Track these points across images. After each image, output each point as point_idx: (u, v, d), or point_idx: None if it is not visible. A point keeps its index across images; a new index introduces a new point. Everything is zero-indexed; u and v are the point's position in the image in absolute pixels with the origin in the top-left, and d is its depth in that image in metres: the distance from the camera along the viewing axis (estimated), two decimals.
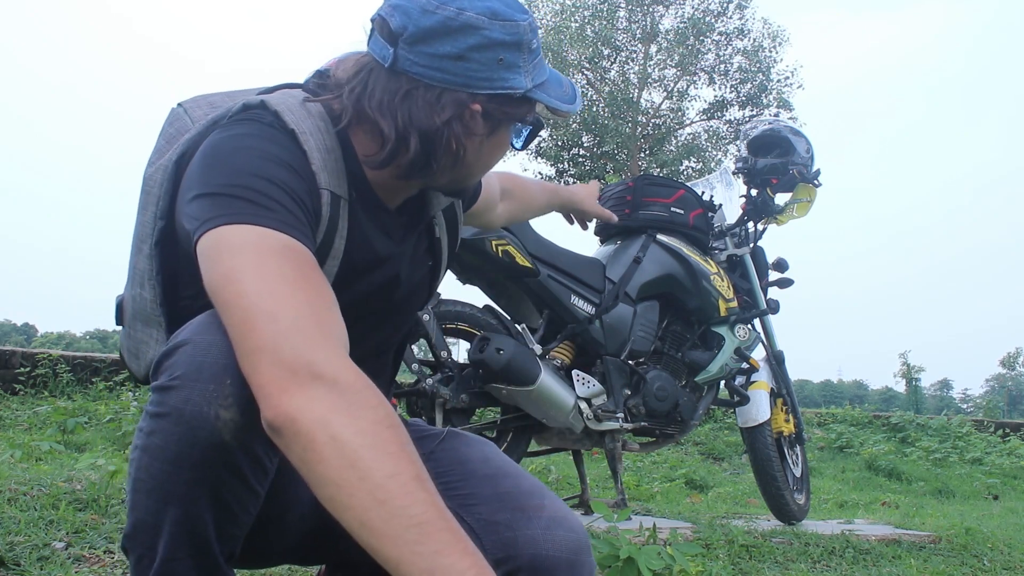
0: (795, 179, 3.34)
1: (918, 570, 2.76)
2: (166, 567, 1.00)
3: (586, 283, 2.83)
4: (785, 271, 3.54)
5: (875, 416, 9.63)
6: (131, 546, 1.03)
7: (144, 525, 0.99)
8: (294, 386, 0.86)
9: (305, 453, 0.85)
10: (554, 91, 1.15)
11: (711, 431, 7.71)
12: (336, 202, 1.09)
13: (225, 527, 1.00)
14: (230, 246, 0.94)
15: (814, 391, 53.22)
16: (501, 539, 1.10)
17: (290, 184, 1.01)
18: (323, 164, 1.08)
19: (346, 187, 1.12)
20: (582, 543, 1.11)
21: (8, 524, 2.00)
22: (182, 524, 0.98)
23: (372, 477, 0.83)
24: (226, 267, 0.93)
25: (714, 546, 2.65)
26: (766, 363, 3.42)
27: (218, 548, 1.02)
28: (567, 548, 1.09)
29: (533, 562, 1.08)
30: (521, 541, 1.09)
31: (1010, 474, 7.56)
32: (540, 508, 1.11)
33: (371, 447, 0.84)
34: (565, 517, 1.12)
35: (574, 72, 21.17)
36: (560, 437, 2.92)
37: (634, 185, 3.19)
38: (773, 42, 21.05)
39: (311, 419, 0.84)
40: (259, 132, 1.05)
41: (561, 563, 1.08)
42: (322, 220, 1.07)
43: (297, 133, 1.07)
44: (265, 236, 0.94)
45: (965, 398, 53.53)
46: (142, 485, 0.99)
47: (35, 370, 5.83)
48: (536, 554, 1.08)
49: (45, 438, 4.05)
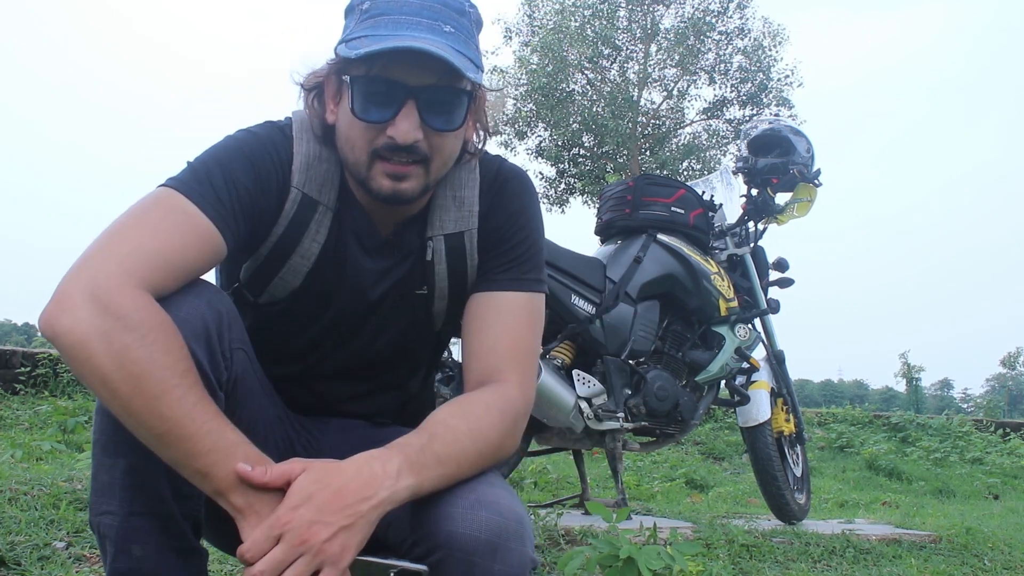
0: (795, 179, 3.34)
1: (918, 570, 2.76)
2: (127, 524, 1.03)
3: (587, 283, 2.83)
4: (785, 271, 3.54)
5: (875, 416, 9.62)
6: (93, 518, 1.06)
7: (102, 486, 1.04)
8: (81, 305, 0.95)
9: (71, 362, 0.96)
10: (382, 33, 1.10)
11: (711, 431, 7.70)
12: (308, 204, 1.19)
13: (179, 484, 1.02)
14: (152, 196, 1.08)
15: (814, 391, 53.17)
16: (422, 516, 1.06)
17: (240, 178, 1.12)
18: (305, 168, 1.19)
19: (333, 198, 1.21)
20: (509, 528, 1.04)
21: (9, 524, 2.01)
22: (134, 475, 1.02)
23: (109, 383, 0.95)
24: (135, 204, 1.08)
25: (714, 546, 2.65)
26: (766, 363, 3.42)
27: (177, 508, 1.05)
28: (488, 530, 1.03)
29: (449, 540, 1.02)
30: (440, 518, 1.04)
31: (1010, 474, 7.56)
32: (471, 490, 1.07)
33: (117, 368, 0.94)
34: (495, 501, 1.05)
35: (574, 72, 21.17)
36: (560, 437, 2.92)
37: (634, 185, 3.19)
38: (773, 41, 21.03)
39: (77, 336, 0.94)
40: (260, 131, 1.19)
41: (480, 544, 1.02)
42: (283, 215, 1.18)
43: (294, 140, 1.19)
44: (175, 199, 1.07)
45: (965, 398, 53.48)
46: (99, 445, 1.05)
47: (35, 370, 5.83)
48: (452, 531, 1.03)
49: (46, 438, 4.05)
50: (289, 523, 0.94)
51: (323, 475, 0.98)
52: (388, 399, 1.36)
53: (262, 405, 1.19)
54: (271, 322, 1.26)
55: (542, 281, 1.28)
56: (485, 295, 1.25)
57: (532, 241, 1.27)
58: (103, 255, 1.00)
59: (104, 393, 0.96)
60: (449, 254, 1.26)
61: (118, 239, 1.02)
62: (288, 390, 1.28)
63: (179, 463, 0.97)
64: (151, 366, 0.94)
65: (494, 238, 1.26)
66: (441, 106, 1.13)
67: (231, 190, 1.11)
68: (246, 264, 1.23)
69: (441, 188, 1.26)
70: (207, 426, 0.96)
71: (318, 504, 0.95)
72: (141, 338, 0.95)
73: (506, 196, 1.28)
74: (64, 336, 0.95)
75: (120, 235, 1.02)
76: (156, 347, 0.95)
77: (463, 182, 1.27)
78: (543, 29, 20.80)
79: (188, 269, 1.05)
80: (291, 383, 1.29)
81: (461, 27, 1.14)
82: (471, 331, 1.24)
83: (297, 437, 1.27)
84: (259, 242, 1.20)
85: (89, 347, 0.94)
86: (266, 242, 1.20)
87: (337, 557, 0.95)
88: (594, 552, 1.89)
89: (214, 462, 0.96)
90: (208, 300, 1.07)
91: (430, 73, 1.10)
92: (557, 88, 20.51)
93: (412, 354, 1.37)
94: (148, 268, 1.00)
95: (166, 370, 0.95)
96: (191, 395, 0.96)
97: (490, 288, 1.25)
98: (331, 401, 1.32)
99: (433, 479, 1.04)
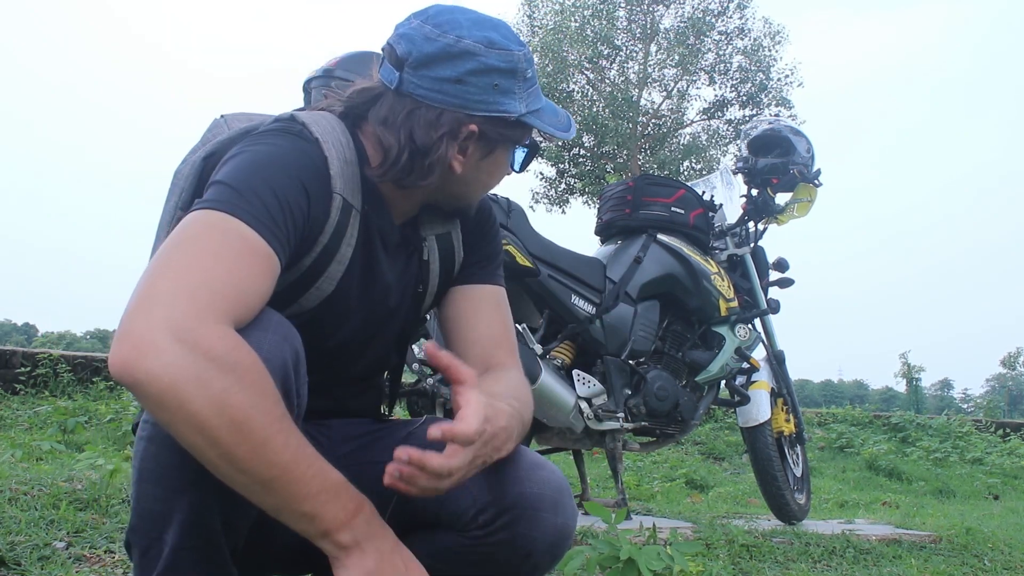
0: (796, 179, 3.35)
1: (918, 570, 2.76)
2: (176, 556, 1.00)
3: (587, 283, 2.83)
4: (785, 271, 3.54)
5: (875, 416, 9.63)
6: (135, 539, 1.03)
7: (151, 515, 1.00)
8: (167, 348, 0.86)
9: (158, 411, 0.88)
10: (548, 118, 1.24)
11: (711, 431, 7.71)
12: (347, 210, 1.17)
13: (231, 517, 1.01)
14: (198, 220, 1.00)
15: (814, 391, 53.19)
16: (487, 482, 1.13)
17: (291, 196, 1.07)
18: (341, 172, 1.17)
19: (360, 199, 1.20)
20: (563, 485, 1.16)
21: (9, 524, 2.01)
22: (193, 512, 0.99)
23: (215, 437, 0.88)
24: (179, 231, 0.99)
25: (714, 546, 2.65)
26: (766, 363, 3.43)
27: (224, 539, 1.03)
28: (551, 487, 1.14)
29: (520, 500, 1.12)
30: (507, 480, 1.13)
31: (1010, 474, 7.56)
32: (525, 453, 1.17)
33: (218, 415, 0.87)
34: (546, 463, 1.17)
35: (574, 72, 21.18)
36: (560, 437, 2.93)
37: (634, 185, 3.19)
38: (773, 41, 21.03)
39: (167, 382, 0.86)
40: (285, 142, 1.14)
41: (546, 500, 1.13)
42: (329, 223, 1.15)
43: (321, 142, 1.16)
44: (229, 222, 1.00)
45: (965, 398, 53.49)
46: (149, 475, 1.00)
47: (36, 370, 5.83)
48: (522, 492, 1.13)
49: (46, 438, 4.06)
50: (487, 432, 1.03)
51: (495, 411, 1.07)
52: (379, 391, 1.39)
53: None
54: None
55: None
56: (472, 287, 1.33)
57: (499, 237, 1.40)
58: (171, 290, 0.90)
59: (201, 441, 0.88)
60: (441, 253, 1.32)
61: (181, 271, 0.92)
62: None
63: (283, 507, 0.94)
64: (254, 411, 0.89)
65: (475, 234, 1.35)
66: None
67: (284, 208, 1.05)
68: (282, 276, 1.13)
69: None
70: (312, 469, 0.95)
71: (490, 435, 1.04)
72: (239, 380, 0.88)
73: None
74: (151, 383, 0.86)
75: (181, 266, 0.93)
76: (255, 390, 0.90)
77: None
78: (543, 29, 20.80)
79: (260, 296, 0.99)
80: (311, 391, 1.27)
81: None
82: (464, 321, 1.31)
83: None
84: (303, 254, 1.14)
85: (183, 393, 0.86)
86: (311, 252, 1.15)
87: None
88: (594, 552, 1.89)
89: (323, 503, 0.95)
90: (284, 336, 1.02)
91: None
92: (557, 88, 20.51)
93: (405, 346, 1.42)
94: (225, 300, 0.93)
95: (268, 415, 0.91)
96: (294, 438, 0.93)
97: (476, 280, 1.34)
98: (343, 402, 1.31)
99: (516, 443, 1.14)
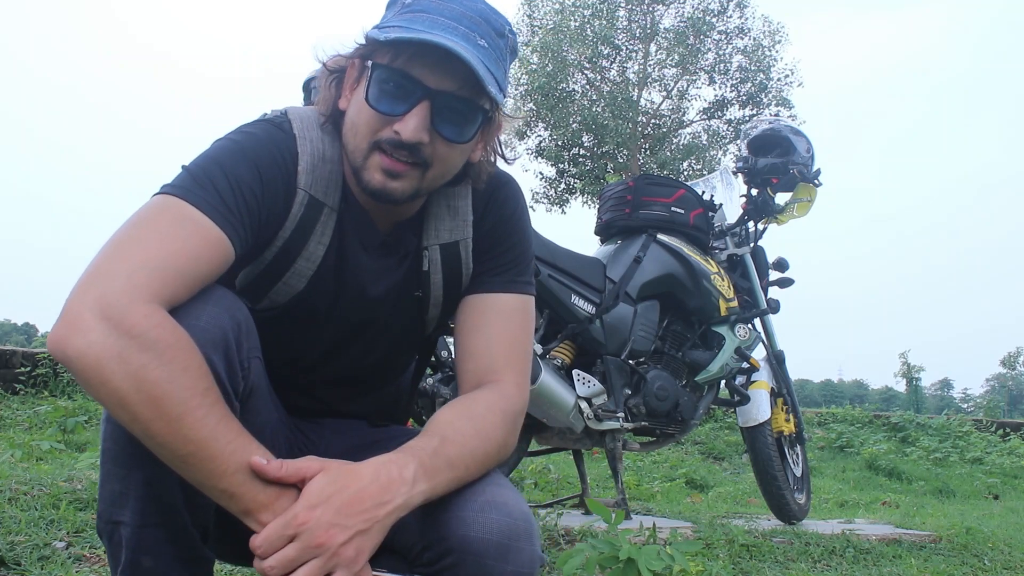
0: (795, 179, 3.34)
1: (918, 570, 2.75)
2: (140, 535, 1.01)
3: (586, 283, 2.83)
4: (785, 271, 3.54)
5: (875, 416, 9.62)
6: (103, 525, 1.05)
7: (113, 495, 1.02)
8: (93, 325, 0.91)
9: (86, 385, 0.93)
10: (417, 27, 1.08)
11: (711, 431, 7.71)
12: (316, 207, 1.16)
13: (192, 494, 1.00)
14: (153, 204, 1.04)
15: (814, 391, 53.14)
16: (434, 520, 1.07)
17: (244, 182, 1.08)
18: (311, 169, 1.16)
19: (337, 199, 1.19)
20: (519, 529, 1.06)
21: (9, 524, 2.01)
22: (148, 487, 1.00)
23: None
24: (135, 213, 1.03)
25: (714, 546, 2.65)
26: (766, 363, 3.42)
27: (188, 518, 1.04)
28: (499, 532, 1.04)
29: (463, 544, 1.04)
30: (452, 522, 1.05)
31: (1010, 474, 7.56)
32: (479, 492, 1.08)
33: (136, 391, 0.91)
34: (504, 502, 1.07)
35: (574, 72, 21.16)
36: (560, 437, 2.92)
37: (634, 185, 3.19)
38: (772, 40, 21.02)
39: (92, 359, 0.90)
40: (261, 133, 1.14)
41: (492, 546, 1.04)
42: (290, 218, 1.15)
43: (298, 138, 1.15)
44: (180, 207, 1.02)
45: (965, 398, 53.47)
46: (109, 454, 1.02)
47: (35, 370, 5.83)
48: (466, 536, 1.04)
49: (45, 438, 4.05)
50: (305, 523, 0.94)
51: (341, 477, 0.97)
52: (381, 398, 1.37)
53: (269, 411, 1.19)
54: (271, 328, 1.23)
55: (532, 284, 1.29)
56: (479, 297, 1.25)
57: (525, 245, 1.29)
58: (111, 270, 0.95)
59: (123, 415, 0.92)
60: (445, 264, 1.26)
61: (125, 252, 0.97)
62: (287, 394, 1.27)
63: (203, 484, 0.95)
64: (171, 387, 0.91)
65: (487, 243, 1.27)
66: (454, 115, 1.11)
67: (237, 194, 1.06)
68: (245, 270, 1.19)
69: (435, 196, 1.25)
70: (231, 446, 0.94)
71: (336, 506, 0.95)
72: (158, 357, 0.91)
73: (498, 201, 1.28)
74: (77, 359, 0.91)
75: (126, 247, 0.98)
76: (175, 366, 0.92)
77: (456, 191, 1.26)
78: (543, 29, 20.79)
79: (200, 279, 1.01)
80: (291, 388, 1.28)
81: (495, 46, 1.13)
82: (466, 332, 1.24)
83: (295, 441, 1.26)
84: (263, 246, 1.16)
85: (105, 370, 0.90)
86: (271, 246, 1.16)
87: (351, 561, 0.95)
88: (594, 552, 1.89)
89: (241, 482, 0.94)
90: (227, 308, 1.04)
91: (452, 80, 1.08)
92: (557, 88, 20.51)
93: (408, 355, 1.38)
94: (159, 281, 0.96)
95: (186, 390, 0.92)
96: (213, 414, 0.94)
97: (484, 290, 1.25)
98: (331, 404, 1.32)
99: (445, 483, 1.05)
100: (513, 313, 1.25)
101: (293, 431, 1.27)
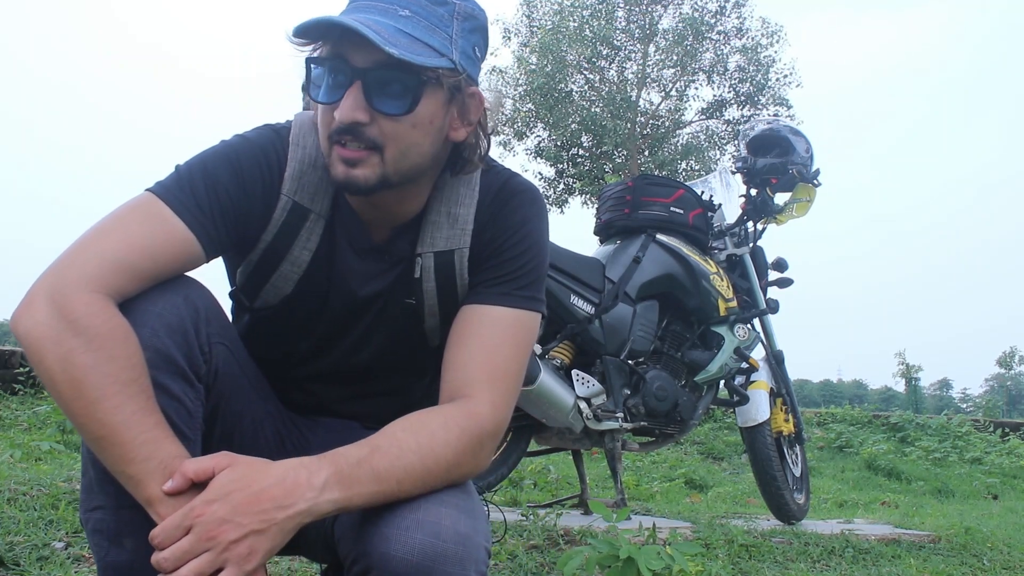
0: (795, 179, 3.35)
1: (918, 570, 2.76)
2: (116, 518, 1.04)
3: (586, 283, 2.83)
4: (785, 271, 3.54)
5: (875, 416, 9.62)
6: (84, 516, 1.08)
7: (91, 483, 1.06)
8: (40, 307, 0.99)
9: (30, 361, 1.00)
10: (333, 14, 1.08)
11: (711, 431, 7.70)
12: (300, 213, 1.18)
13: None
14: (133, 201, 1.10)
15: (814, 391, 53.18)
16: (362, 533, 1.03)
17: (221, 185, 1.12)
18: (298, 175, 1.17)
19: (326, 206, 1.20)
20: (446, 552, 0.98)
21: (8, 524, 2.01)
22: None
23: None
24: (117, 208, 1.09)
25: (714, 546, 2.66)
26: (766, 363, 3.42)
27: None
28: (422, 553, 0.97)
29: (382, 561, 0.98)
30: (375, 538, 1.00)
31: (1009, 474, 7.56)
32: (413, 509, 1.01)
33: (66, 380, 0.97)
34: (435, 522, 0.99)
35: (573, 72, 21.17)
36: (560, 437, 2.92)
37: (634, 185, 3.19)
38: (771, 40, 21.03)
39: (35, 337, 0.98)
40: (256, 138, 1.18)
41: (411, 567, 0.97)
42: (272, 223, 1.18)
43: (291, 145, 1.18)
44: (154, 204, 1.08)
45: (964, 398, 53.57)
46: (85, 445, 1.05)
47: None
48: (385, 553, 0.98)
49: (45, 438, 4.05)
50: (200, 516, 0.93)
51: (245, 474, 0.96)
52: (387, 403, 1.34)
53: (250, 400, 1.19)
54: (267, 326, 1.26)
55: (537, 300, 1.21)
56: (470, 308, 1.19)
57: (530, 257, 1.21)
58: (70, 259, 1.02)
59: (52, 393, 0.99)
60: (438, 272, 1.23)
61: (89, 242, 1.04)
62: (284, 389, 1.29)
63: (113, 468, 0.98)
64: (92, 372, 0.96)
65: (486, 251, 1.22)
66: (387, 88, 1.07)
67: (212, 197, 1.11)
68: (240, 269, 1.23)
69: (436, 202, 1.22)
70: (144, 436, 0.97)
71: (233, 503, 0.94)
72: (87, 343, 0.97)
73: (507, 210, 1.23)
74: (24, 336, 0.99)
75: (92, 239, 1.05)
76: (101, 353, 0.97)
77: (460, 198, 1.22)
78: (541, 29, 20.79)
79: (156, 275, 1.06)
80: (287, 383, 1.30)
81: (429, 14, 1.08)
82: (451, 344, 1.18)
83: (288, 434, 1.27)
84: (248, 248, 1.19)
85: (42, 349, 0.97)
86: (255, 249, 1.19)
87: (242, 559, 0.93)
88: (593, 552, 1.89)
89: (148, 472, 0.96)
90: (185, 296, 1.07)
91: (376, 55, 1.04)
92: (556, 88, 20.51)
93: (408, 363, 1.34)
94: (111, 273, 1.01)
95: (107, 377, 0.96)
96: (131, 404, 0.97)
97: (476, 301, 1.19)
98: (325, 402, 1.33)
99: (365, 495, 1.00)
100: (505, 328, 1.17)
101: (288, 425, 1.28)
